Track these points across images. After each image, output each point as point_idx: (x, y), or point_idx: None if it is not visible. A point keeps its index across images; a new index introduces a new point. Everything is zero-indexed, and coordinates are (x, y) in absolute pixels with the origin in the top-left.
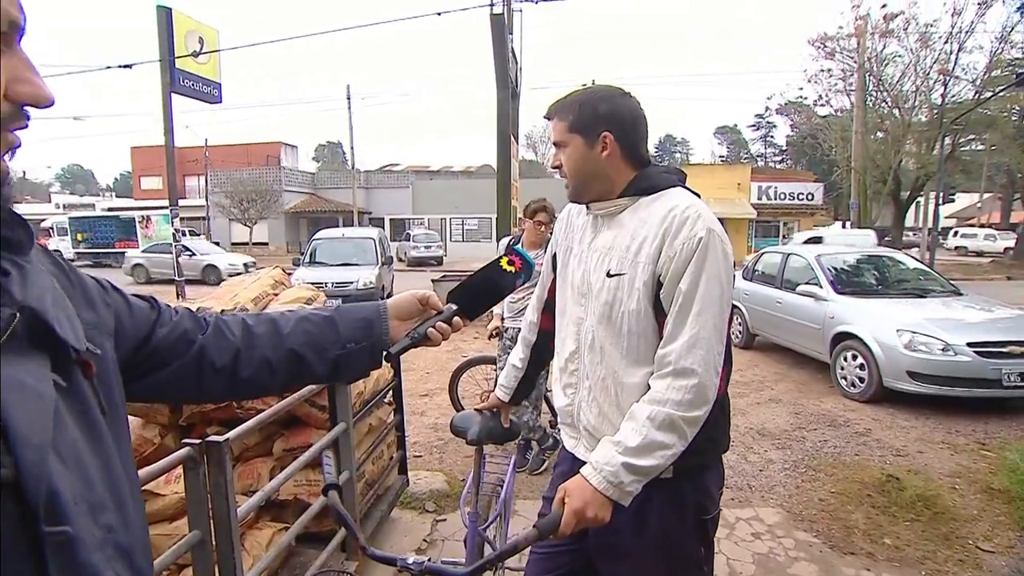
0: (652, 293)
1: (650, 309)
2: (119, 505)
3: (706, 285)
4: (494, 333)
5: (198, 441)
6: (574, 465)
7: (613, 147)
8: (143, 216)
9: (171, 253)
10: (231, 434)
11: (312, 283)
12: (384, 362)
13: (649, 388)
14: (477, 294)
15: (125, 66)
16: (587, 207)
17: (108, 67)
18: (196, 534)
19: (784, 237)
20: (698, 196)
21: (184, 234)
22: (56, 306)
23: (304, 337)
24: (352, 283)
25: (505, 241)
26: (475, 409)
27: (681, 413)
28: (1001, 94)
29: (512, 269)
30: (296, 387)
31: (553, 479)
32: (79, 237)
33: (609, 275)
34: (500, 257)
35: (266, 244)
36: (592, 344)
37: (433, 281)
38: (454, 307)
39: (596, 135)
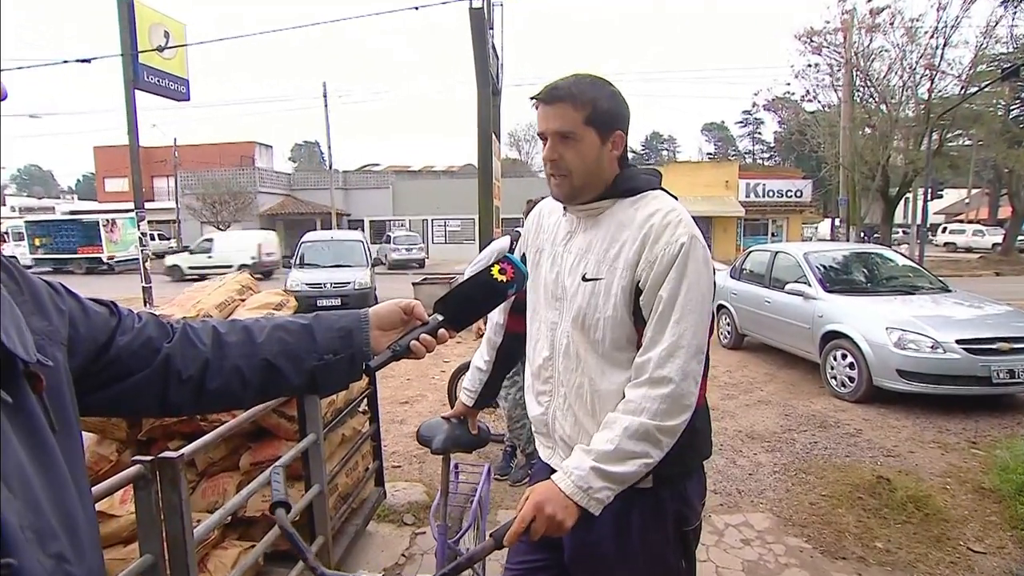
0: (630, 299)
1: (627, 315)
2: (71, 532)
3: (687, 292)
4: (481, 334)
5: (149, 458)
6: (548, 476)
7: (621, 147)
8: (108, 219)
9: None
10: (187, 449)
11: (311, 284)
12: (364, 375)
13: (625, 396)
14: (465, 304)
15: (84, 60)
16: (564, 208)
17: (66, 61)
18: (148, 558)
19: (773, 235)
20: (676, 199)
21: (152, 238)
22: (2, 314)
23: (279, 346)
24: (350, 283)
25: (496, 244)
26: (442, 417)
27: (657, 423)
28: (987, 89)
29: (504, 278)
30: (269, 399)
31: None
32: (37, 242)
33: (585, 279)
34: (491, 265)
35: None
36: (567, 350)
37: (414, 284)
38: (440, 318)
39: (610, 132)
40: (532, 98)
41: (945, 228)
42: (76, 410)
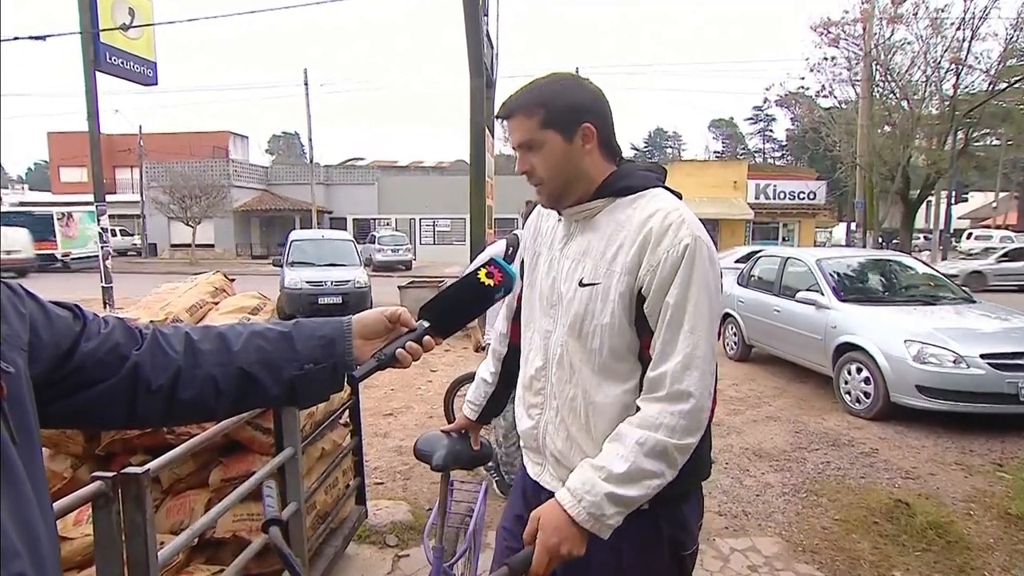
0: (628, 305)
1: (626, 323)
2: (33, 550)
3: (696, 298)
4: (482, 346)
5: (111, 474)
6: (537, 492)
7: (594, 139)
8: (63, 213)
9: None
10: (152, 464)
11: (311, 282)
12: (347, 385)
13: (622, 408)
14: (452, 310)
15: (38, 38)
16: (560, 213)
17: (17, 38)
18: None
19: (784, 239)
20: (680, 197)
21: (114, 234)
22: None
23: (257, 354)
24: (349, 282)
25: (491, 249)
26: (441, 431)
27: (675, 441)
28: (1017, 85)
29: (491, 283)
30: (244, 411)
31: (510, 504)
32: None
33: (582, 284)
34: (479, 268)
35: (212, 246)
36: (561, 360)
37: (400, 288)
38: (426, 324)
39: (575, 127)
40: (496, 117)
41: (970, 234)
42: (37, 420)
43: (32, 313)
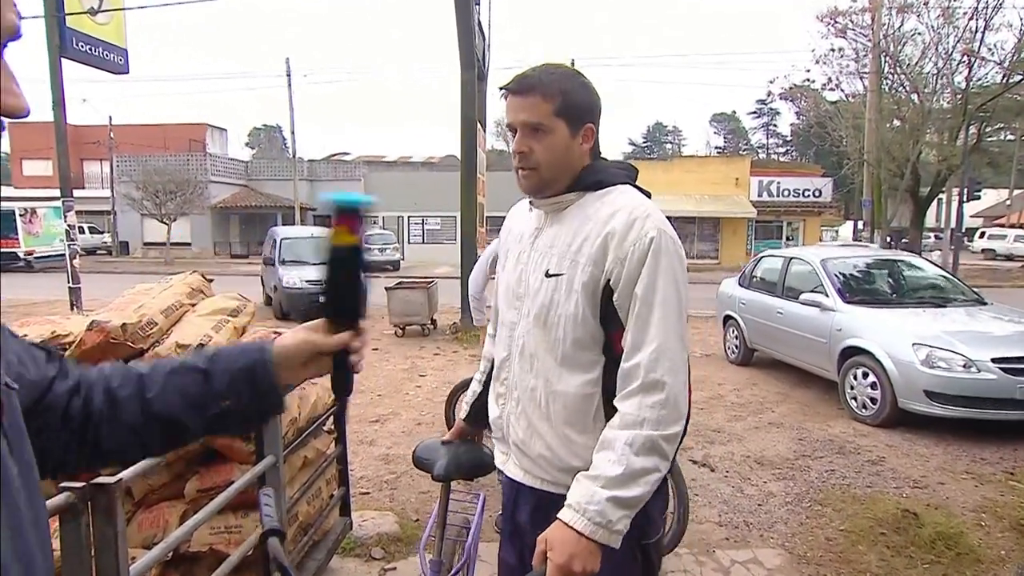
0: (593, 296)
1: (589, 313)
2: (27, 562)
3: (664, 289)
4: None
5: (79, 484)
6: (510, 485)
7: (591, 140)
8: (26, 208)
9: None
10: (124, 474)
11: (311, 281)
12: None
13: (582, 399)
14: (336, 291)
15: None
16: (531, 202)
17: None
18: None
19: (788, 239)
20: (649, 196)
21: (82, 231)
22: None
23: (177, 396)
24: None
25: (491, 248)
26: (442, 442)
27: (661, 432)
28: None
29: (354, 240)
30: (172, 450)
31: (504, 505)
32: None
33: (548, 275)
34: (328, 234)
35: (188, 245)
36: (523, 351)
37: (387, 289)
38: (344, 328)
39: (581, 125)
40: (501, 88)
41: (983, 233)
42: (29, 440)
43: (17, 349)
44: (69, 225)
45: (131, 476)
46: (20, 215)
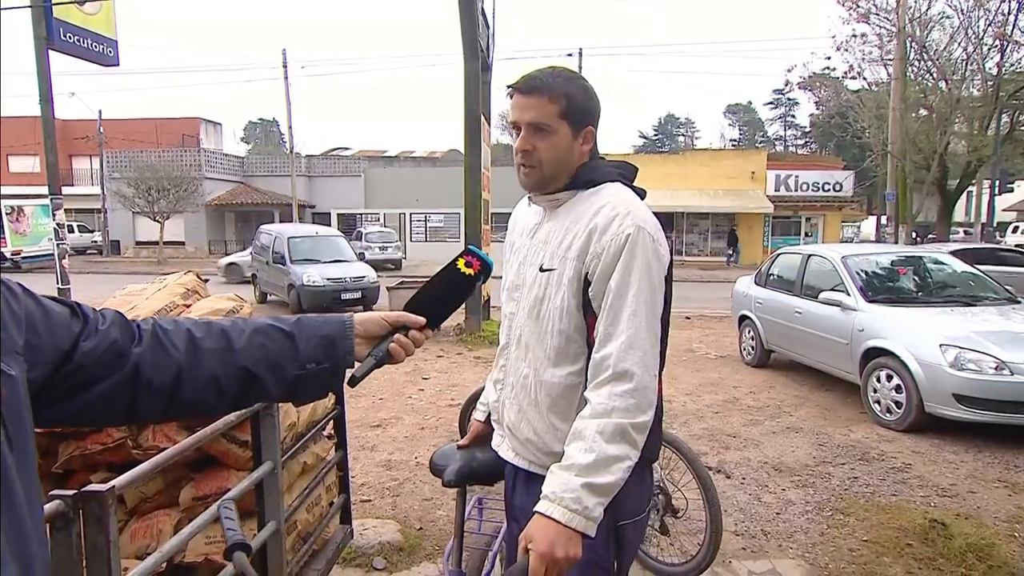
0: (577, 290)
1: (575, 307)
2: (25, 560)
3: (637, 284)
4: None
5: (71, 492)
6: (511, 474)
7: (591, 142)
8: (12, 206)
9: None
10: (118, 481)
11: (332, 279)
12: (348, 387)
13: (567, 388)
14: (435, 303)
15: None
16: (530, 198)
17: None
18: None
19: (807, 235)
20: (642, 194)
21: (71, 230)
22: None
23: (260, 353)
24: (365, 277)
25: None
26: (458, 446)
27: (630, 420)
28: None
29: (470, 272)
30: (243, 408)
31: (505, 487)
32: None
33: (542, 269)
34: (457, 258)
35: (182, 244)
36: (519, 340)
37: (389, 288)
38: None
39: (582, 127)
40: (508, 87)
41: (1016, 227)
42: (32, 424)
43: (29, 311)
44: (58, 223)
45: (123, 483)
46: (7, 213)
